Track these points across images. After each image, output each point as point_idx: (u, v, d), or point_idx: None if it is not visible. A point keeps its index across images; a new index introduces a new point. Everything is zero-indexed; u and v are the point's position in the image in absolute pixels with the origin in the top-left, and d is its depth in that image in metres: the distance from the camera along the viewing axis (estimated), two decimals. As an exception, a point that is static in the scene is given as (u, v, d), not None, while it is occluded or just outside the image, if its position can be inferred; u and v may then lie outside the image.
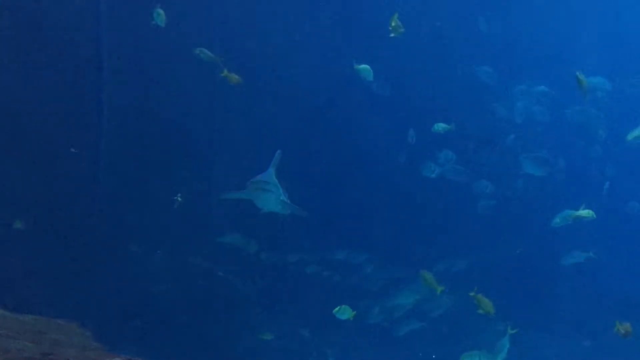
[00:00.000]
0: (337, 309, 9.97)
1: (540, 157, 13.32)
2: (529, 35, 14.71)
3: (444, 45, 13.92)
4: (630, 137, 12.38)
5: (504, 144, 14.14)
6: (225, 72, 10.38)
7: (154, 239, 12.10)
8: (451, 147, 13.09)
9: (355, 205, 13.27)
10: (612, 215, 14.04)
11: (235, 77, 10.42)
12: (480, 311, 10.01)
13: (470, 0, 14.33)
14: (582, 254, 12.96)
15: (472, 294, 10.03)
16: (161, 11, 10.45)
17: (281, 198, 10.36)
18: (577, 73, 10.26)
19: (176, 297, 12.05)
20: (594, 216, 10.97)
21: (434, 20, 13.90)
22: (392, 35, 10.34)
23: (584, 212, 11.05)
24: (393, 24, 10.25)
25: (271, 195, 10.31)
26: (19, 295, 9.50)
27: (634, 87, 14.55)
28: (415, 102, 13.60)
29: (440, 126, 11.64)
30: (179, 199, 10.74)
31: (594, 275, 13.80)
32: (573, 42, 14.97)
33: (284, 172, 10.53)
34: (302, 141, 12.76)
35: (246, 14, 12.65)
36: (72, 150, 10.82)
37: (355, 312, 10.05)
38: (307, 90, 12.92)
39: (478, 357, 9.90)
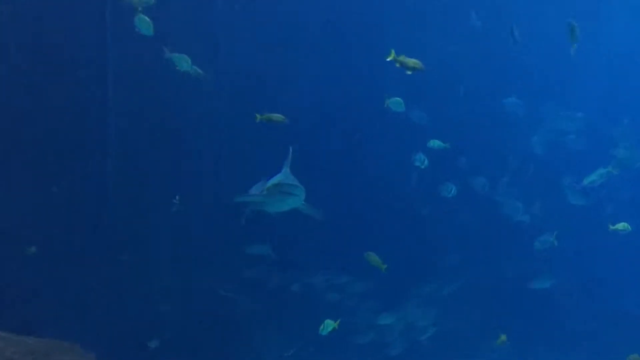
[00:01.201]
0: (321, 327, 9.82)
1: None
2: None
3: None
4: (586, 181, 12.27)
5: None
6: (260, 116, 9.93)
7: (157, 258, 11.91)
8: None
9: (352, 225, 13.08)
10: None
11: (278, 117, 9.98)
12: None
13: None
14: (548, 280, 12.78)
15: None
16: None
17: (303, 200, 9.84)
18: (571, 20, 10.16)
19: (180, 316, 11.87)
20: (629, 229, 10.81)
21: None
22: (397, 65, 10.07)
23: (620, 226, 10.90)
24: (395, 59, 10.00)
25: (297, 199, 9.76)
26: (22, 317, 9.35)
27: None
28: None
29: (436, 143, 11.48)
30: (177, 201, 10.50)
31: (595, 291, 13.73)
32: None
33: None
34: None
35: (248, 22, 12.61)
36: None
37: (338, 320, 9.81)
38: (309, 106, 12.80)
39: None
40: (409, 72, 9.27)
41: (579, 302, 13.65)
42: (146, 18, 9.79)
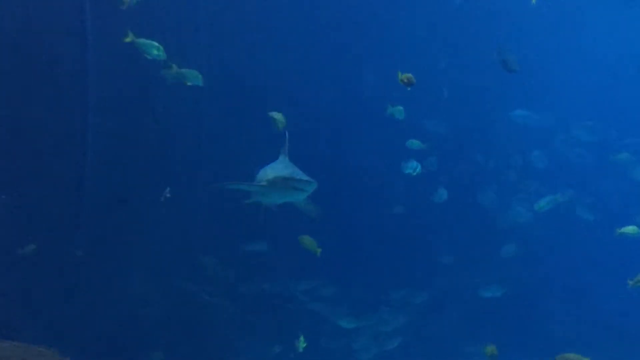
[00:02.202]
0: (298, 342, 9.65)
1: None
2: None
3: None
4: (537, 207, 12.29)
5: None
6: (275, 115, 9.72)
7: (138, 261, 11.73)
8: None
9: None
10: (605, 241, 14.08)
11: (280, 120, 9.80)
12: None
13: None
14: (499, 289, 12.78)
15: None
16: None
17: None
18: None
19: (160, 320, 11.68)
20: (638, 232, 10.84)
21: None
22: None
23: (630, 229, 10.90)
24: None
25: (302, 195, 9.20)
26: (-2, 321, 9.15)
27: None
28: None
29: (414, 143, 11.39)
30: (168, 194, 10.18)
31: (584, 298, 13.76)
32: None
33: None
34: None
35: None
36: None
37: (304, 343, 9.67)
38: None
39: None
40: (408, 88, 9.31)
41: (560, 308, 13.67)
42: (154, 43, 9.60)
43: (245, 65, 12.39)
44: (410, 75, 9.67)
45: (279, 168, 9.22)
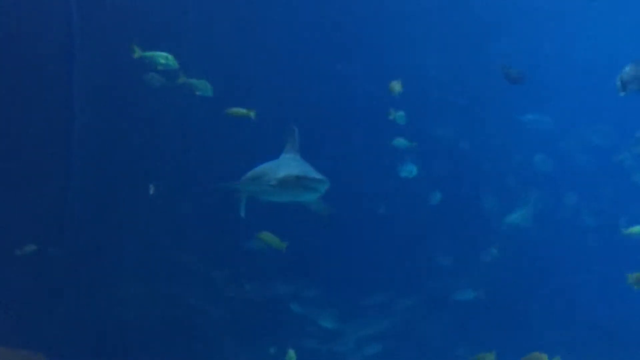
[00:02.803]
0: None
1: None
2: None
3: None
4: (507, 220, 12.31)
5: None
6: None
7: (123, 265, 11.62)
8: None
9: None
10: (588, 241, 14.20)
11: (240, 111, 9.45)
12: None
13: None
14: (471, 292, 12.81)
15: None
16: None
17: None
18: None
19: (146, 324, 11.58)
20: None
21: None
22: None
23: (636, 229, 10.79)
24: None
25: (315, 194, 8.54)
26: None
27: None
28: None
29: (401, 142, 11.33)
30: (152, 190, 9.96)
31: (569, 300, 13.81)
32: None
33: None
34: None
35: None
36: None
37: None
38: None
39: None
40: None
41: (550, 312, 13.71)
42: (162, 53, 9.36)
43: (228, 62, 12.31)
44: (399, 83, 9.81)
45: (290, 165, 8.57)
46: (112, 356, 11.09)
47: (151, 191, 9.69)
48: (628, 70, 7.58)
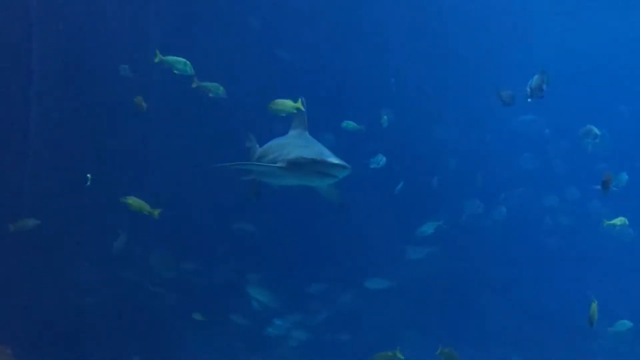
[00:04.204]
0: None
1: None
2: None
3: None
4: (418, 232, 12.35)
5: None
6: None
7: (82, 250, 11.72)
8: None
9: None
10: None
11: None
12: None
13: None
14: (386, 281, 12.78)
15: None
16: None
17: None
18: None
19: (104, 310, 11.70)
20: (627, 223, 11.00)
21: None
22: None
23: (617, 220, 11.01)
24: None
25: (331, 180, 7.46)
26: None
27: None
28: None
29: (350, 124, 11.41)
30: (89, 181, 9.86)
31: (517, 290, 14.10)
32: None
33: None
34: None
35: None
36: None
37: None
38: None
39: None
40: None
41: (498, 300, 13.98)
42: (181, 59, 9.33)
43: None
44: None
45: (303, 146, 7.50)
46: (70, 341, 11.20)
47: (88, 182, 9.54)
48: (535, 79, 8.24)
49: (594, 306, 8.19)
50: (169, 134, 12.48)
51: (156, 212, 8.74)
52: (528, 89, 8.32)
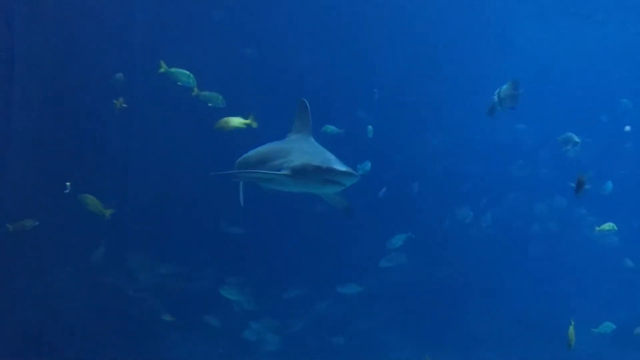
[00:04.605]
0: None
1: None
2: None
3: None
4: (388, 244, 12.33)
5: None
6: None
7: (63, 254, 11.65)
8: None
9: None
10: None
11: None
12: None
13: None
14: (358, 287, 12.62)
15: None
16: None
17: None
18: None
19: (85, 316, 11.63)
20: (615, 228, 11.21)
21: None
22: None
23: (606, 226, 11.25)
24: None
25: (338, 188, 7.16)
26: None
27: None
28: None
29: (330, 128, 11.44)
30: (68, 189, 9.83)
31: (501, 296, 14.12)
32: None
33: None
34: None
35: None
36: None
37: None
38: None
39: None
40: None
41: (482, 305, 13.98)
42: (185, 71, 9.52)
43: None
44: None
45: (308, 152, 7.23)
46: (49, 347, 11.11)
47: (67, 190, 9.55)
48: (504, 88, 7.77)
49: (572, 329, 8.21)
50: (148, 136, 12.47)
51: (107, 213, 8.96)
52: (496, 98, 7.78)
